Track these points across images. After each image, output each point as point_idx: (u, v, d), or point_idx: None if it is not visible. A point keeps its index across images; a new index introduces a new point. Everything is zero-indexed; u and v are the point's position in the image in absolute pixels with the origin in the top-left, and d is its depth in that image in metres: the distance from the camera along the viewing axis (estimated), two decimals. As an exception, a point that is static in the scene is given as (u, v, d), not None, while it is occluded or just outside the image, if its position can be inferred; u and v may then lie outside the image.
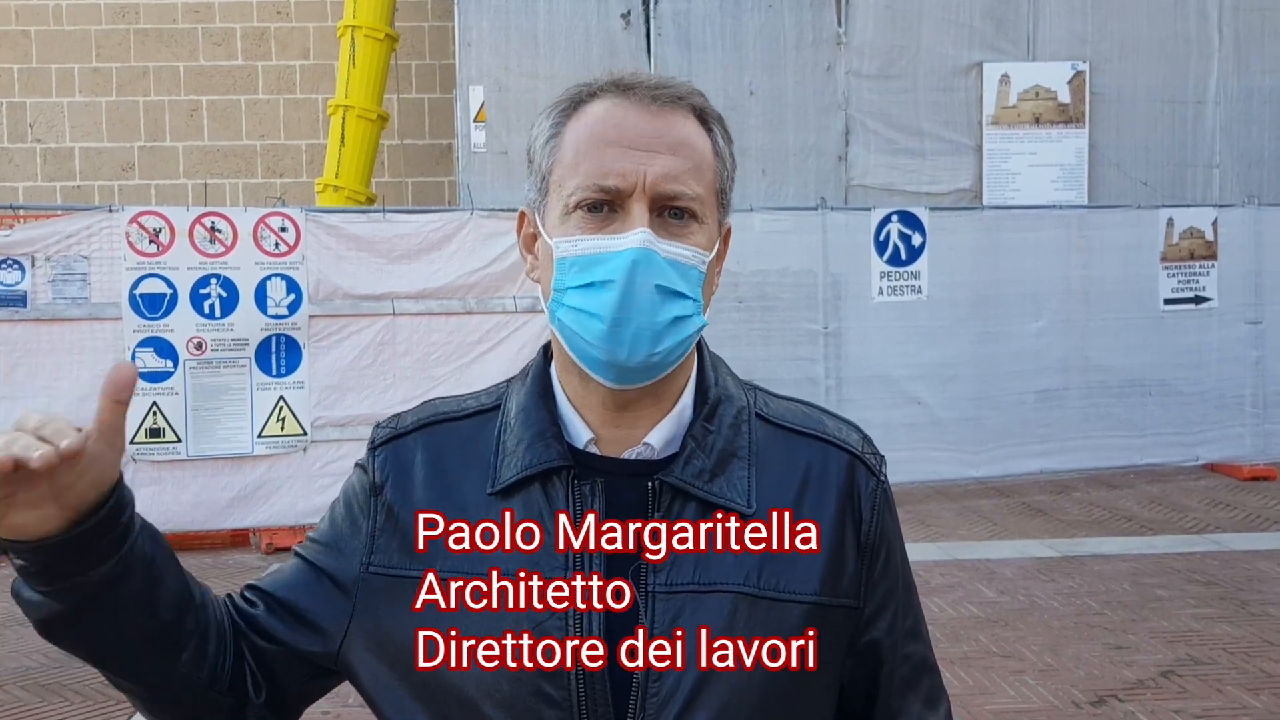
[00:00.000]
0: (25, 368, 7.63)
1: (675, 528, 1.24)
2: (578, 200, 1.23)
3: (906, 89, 11.36)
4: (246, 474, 7.94)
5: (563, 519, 1.24)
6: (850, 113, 11.33)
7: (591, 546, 1.23)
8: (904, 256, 9.22)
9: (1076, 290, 9.73)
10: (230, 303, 7.91)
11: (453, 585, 1.25)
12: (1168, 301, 9.85)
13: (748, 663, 1.22)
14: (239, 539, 8.22)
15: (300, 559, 1.36)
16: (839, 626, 1.29)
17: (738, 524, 1.25)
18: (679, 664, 1.21)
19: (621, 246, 1.20)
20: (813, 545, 1.27)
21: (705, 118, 1.29)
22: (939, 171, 11.39)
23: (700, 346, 1.34)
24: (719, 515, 1.25)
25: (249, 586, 1.37)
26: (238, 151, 12.67)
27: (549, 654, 1.21)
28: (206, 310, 7.88)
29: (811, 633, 1.26)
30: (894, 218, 9.25)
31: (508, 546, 1.24)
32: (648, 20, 11.11)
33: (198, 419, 7.85)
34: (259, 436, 7.96)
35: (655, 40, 11.10)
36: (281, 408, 7.99)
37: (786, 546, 1.26)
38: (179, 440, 7.82)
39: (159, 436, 7.79)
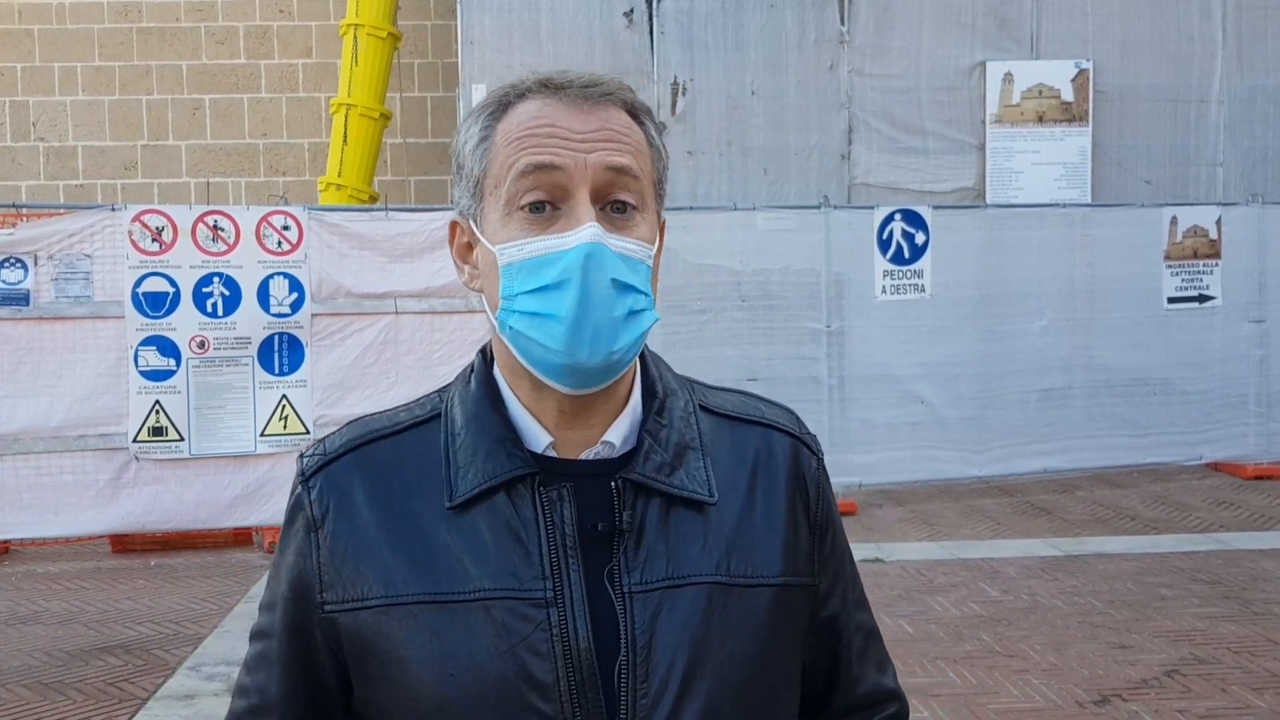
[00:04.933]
0: (28, 366, 7.63)
1: (642, 525, 1.23)
2: (519, 200, 1.20)
3: (909, 88, 11.35)
4: (249, 473, 7.95)
5: (533, 527, 1.21)
6: (853, 111, 11.32)
7: (568, 552, 1.20)
8: (907, 255, 9.21)
9: (1080, 289, 9.72)
10: (233, 301, 7.91)
11: (421, 609, 1.20)
12: (1171, 300, 9.83)
13: (729, 651, 1.22)
14: (241, 537, 8.23)
15: (264, 640, 1.31)
16: (801, 605, 1.31)
17: (702, 515, 1.25)
18: (664, 661, 1.20)
19: (572, 243, 1.17)
20: (771, 529, 1.28)
21: (635, 111, 1.26)
22: (942, 170, 11.37)
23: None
24: (683, 508, 1.25)
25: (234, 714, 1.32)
26: (240, 150, 12.67)
27: (536, 668, 1.18)
28: (209, 309, 7.88)
29: (781, 613, 1.27)
30: (897, 216, 9.24)
31: (479, 561, 1.20)
32: (650, 19, 11.10)
33: (200, 417, 7.85)
34: (261, 435, 7.96)
35: (658, 39, 11.09)
36: (284, 406, 7.99)
37: (749, 532, 1.27)
38: (182, 439, 7.82)
39: (162, 435, 7.79)
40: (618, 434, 1.26)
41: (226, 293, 7.89)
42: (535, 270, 1.18)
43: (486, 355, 1.32)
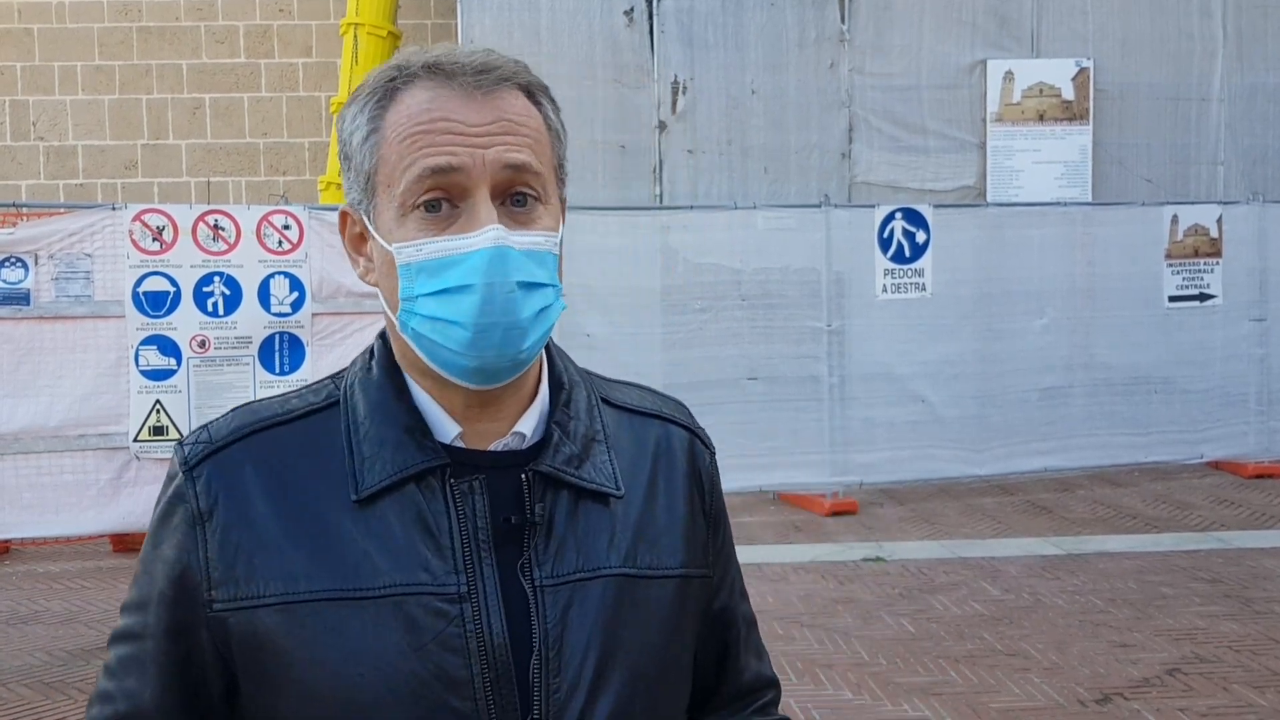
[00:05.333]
0: (28, 366, 7.62)
1: (552, 518, 1.21)
2: (414, 200, 1.14)
3: (910, 86, 11.35)
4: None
5: (445, 520, 1.17)
6: (853, 110, 11.32)
7: (481, 545, 1.17)
8: (908, 254, 9.20)
9: (1080, 288, 9.71)
10: (233, 301, 7.90)
11: (326, 606, 1.14)
12: (1172, 299, 9.83)
13: (638, 642, 1.22)
14: (242, 537, 8.22)
15: (131, 643, 1.22)
16: (698, 596, 1.32)
17: (608, 508, 1.25)
18: (576, 654, 1.18)
19: (474, 246, 1.13)
20: (672, 521, 1.30)
21: (532, 91, 1.21)
22: (943, 169, 11.37)
23: None
24: (591, 500, 1.24)
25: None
26: (240, 149, 12.66)
27: (451, 665, 1.14)
28: (210, 308, 7.88)
29: (684, 604, 1.29)
30: (898, 215, 9.24)
31: (390, 556, 1.15)
32: (650, 18, 11.10)
33: (201, 417, 7.84)
34: (262, 434, 7.95)
35: (658, 38, 11.09)
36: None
37: (652, 524, 1.28)
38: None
39: (162, 434, 7.78)
40: (529, 425, 1.24)
41: (227, 292, 7.89)
42: (436, 272, 1.13)
43: (386, 340, 1.26)
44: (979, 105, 11.43)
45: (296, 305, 8.02)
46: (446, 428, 1.21)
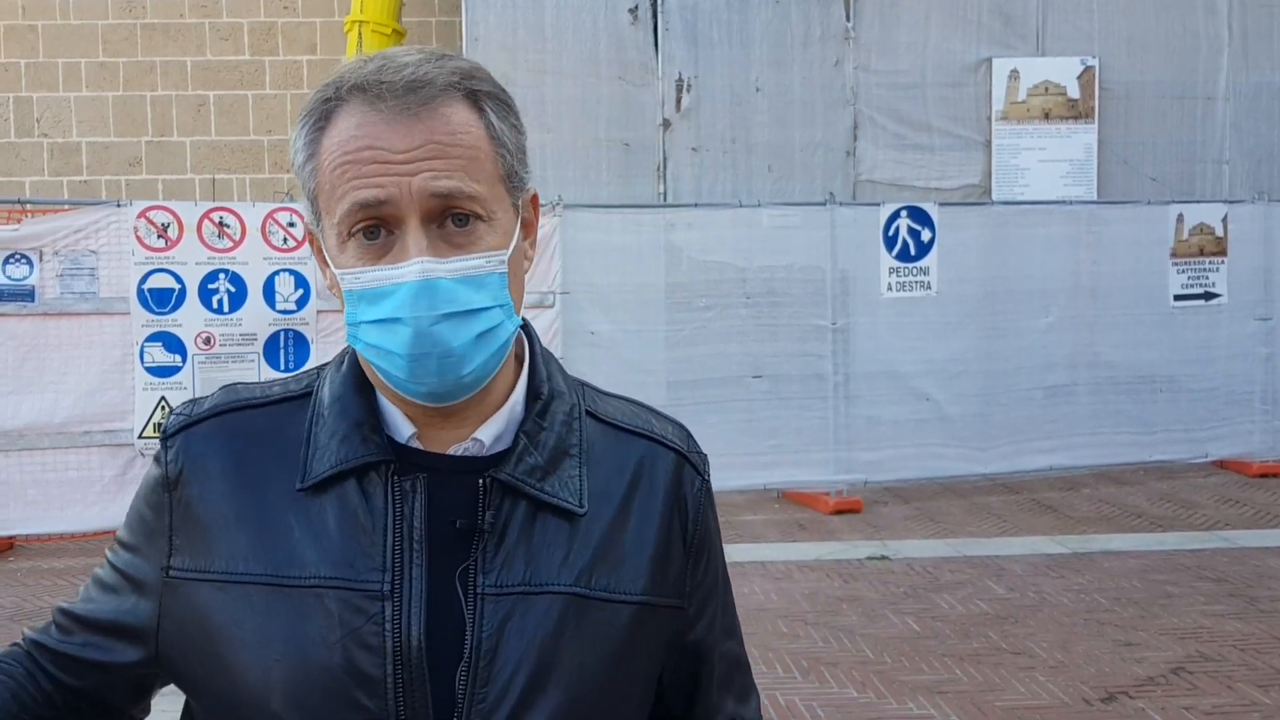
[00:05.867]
0: (33, 362, 7.63)
1: (505, 527, 1.19)
2: (350, 228, 1.14)
3: (915, 84, 11.34)
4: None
5: (381, 517, 1.17)
6: (858, 108, 11.30)
7: (413, 546, 1.16)
8: (913, 252, 9.20)
9: (1085, 286, 9.70)
10: (238, 298, 7.91)
11: (256, 590, 1.17)
12: (1177, 298, 9.81)
13: (579, 664, 1.18)
14: (246, 534, 8.22)
15: (108, 564, 1.29)
16: (663, 626, 1.27)
17: (570, 524, 1.21)
18: (507, 668, 1.15)
19: (400, 279, 1.12)
20: (641, 546, 1.25)
21: (475, 97, 1.16)
22: (948, 167, 11.36)
23: (531, 342, 1.30)
24: (551, 514, 1.21)
25: (60, 611, 1.31)
26: (245, 146, 12.66)
27: (363, 661, 1.14)
28: (215, 305, 7.88)
29: (640, 632, 1.23)
30: (903, 213, 9.23)
31: (320, 547, 1.17)
32: (655, 15, 11.09)
33: (205, 414, 7.85)
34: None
35: (662, 36, 11.08)
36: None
37: (616, 547, 1.23)
38: (187, 435, 7.81)
39: (167, 431, 7.78)
40: (488, 432, 1.22)
41: (232, 289, 7.89)
42: (374, 301, 1.14)
43: None
44: (984, 103, 11.41)
45: (301, 302, 8.03)
46: (402, 428, 1.21)
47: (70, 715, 1.28)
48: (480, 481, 1.18)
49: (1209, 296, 9.87)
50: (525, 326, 1.31)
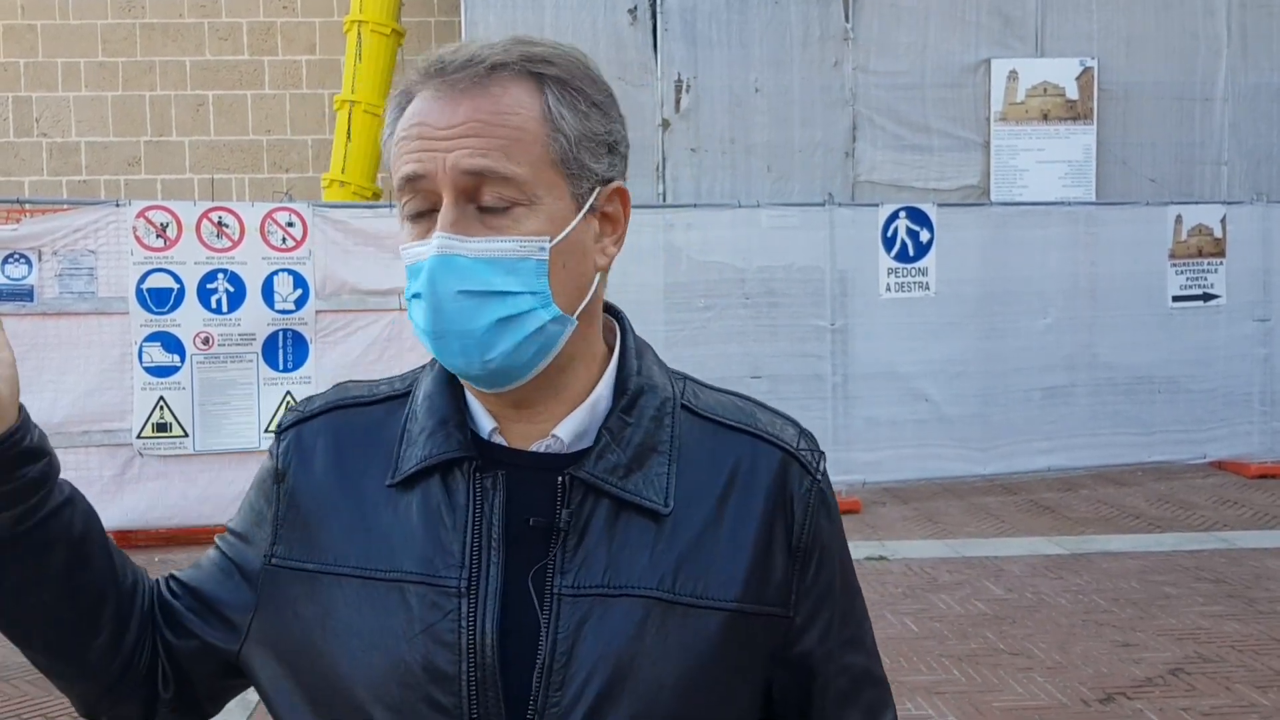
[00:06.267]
0: (32, 361, 7.63)
1: (586, 526, 1.16)
2: (405, 210, 1.17)
3: (914, 85, 11.34)
4: (253, 469, 7.79)
5: (462, 514, 1.17)
6: (857, 109, 11.31)
7: (491, 543, 1.16)
8: (911, 253, 9.20)
9: (1084, 287, 9.71)
10: (237, 298, 7.91)
11: (347, 582, 1.19)
12: (1176, 299, 9.82)
13: (660, 673, 1.14)
14: (245, 534, 8.22)
15: (217, 549, 1.31)
16: (763, 635, 1.20)
17: (656, 524, 1.17)
18: (582, 671, 1.13)
19: (424, 255, 1.13)
20: (736, 549, 1.19)
21: (539, 79, 1.14)
22: (946, 168, 11.37)
23: (624, 333, 1.28)
24: (634, 514, 1.17)
25: (171, 577, 1.32)
26: (244, 146, 12.67)
27: (440, 658, 1.14)
28: (213, 305, 7.88)
29: (733, 642, 1.17)
30: (901, 214, 9.23)
31: (405, 542, 1.18)
32: (654, 16, 11.10)
33: (204, 414, 7.85)
34: (266, 431, 7.96)
35: (661, 36, 11.09)
36: (288, 403, 7.99)
37: (707, 549, 1.18)
38: (186, 435, 7.82)
39: (166, 431, 7.79)
40: (568, 429, 1.19)
41: (231, 289, 7.89)
42: (410, 278, 1.16)
43: None
44: (983, 104, 11.42)
45: (300, 302, 8.03)
46: (484, 422, 1.22)
47: (150, 673, 1.28)
48: (559, 479, 1.17)
49: (1207, 297, 9.88)
50: (620, 319, 1.30)
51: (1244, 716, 4.86)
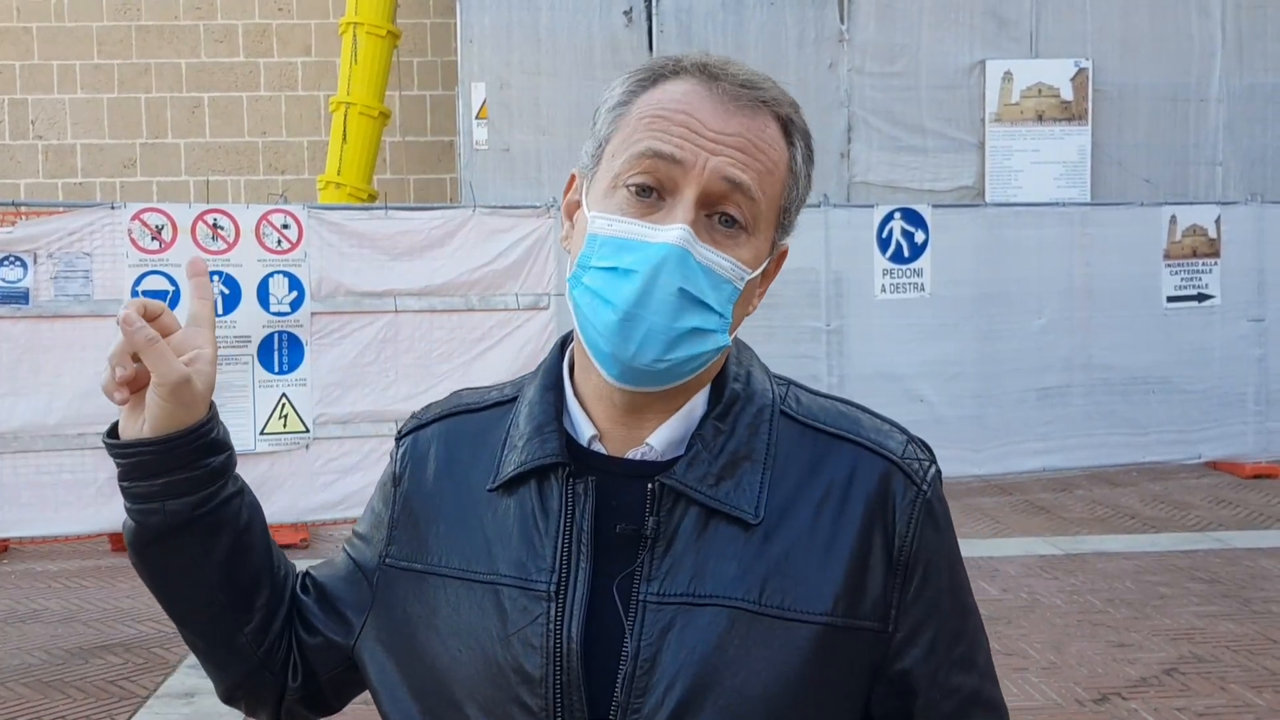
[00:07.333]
0: (27, 364, 7.63)
1: (674, 534, 1.16)
2: (627, 177, 1.15)
3: (909, 86, 11.35)
4: (249, 471, 7.78)
5: (554, 519, 1.19)
6: (852, 110, 11.32)
7: (580, 549, 1.17)
8: (906, 254, 9.21)
9: (1079, 288, 9.72)
10: (232, 300, 7.91)
11: (450, 583, 1.24)
12: (1170, 299, 9.84)
13: (743, 685, 1.13)
14: (241, 536, 8.21)
15: (345, 554, 1.38)
16: (858, 651, 1.18)
17: (746, 533, 1.16)
18: (664, 679, 1.13)
19: (656, 238, 1.13)
20: (830, 560, 1.17)
21: (790, 129, 1.21)
22: (941, 169, 11.38)
23: (736, 349, 1.29)
24: (724, 523, 1.16)
25: (306, 573, 1.40)
26: (239, 148, 12.66)
27: (528, 661, 1.16)
28: (208, 307, 7.87)
29: (825, 657, 1.15)
30: (896, 215, 9.25)
31: (502, 545, 1.21)
32: (650, 18, 11.10)
33: (200, 416, 7.84)
34: (261, 433, 7.96)
35: (657, 38, 11.09)
36: (284, 405, 7.99)
37: (800, 561, 1.16)
38: (181, 437, 7.80)
39: (161, 433, 7.77)
40: (661, 438, 1.20)
41: (226, 291, 7.89)
42: (615, 251, 1.14)
43: (563, 344, 1.31)
44: (978, 105, 11.43)
45: (295, 304, 8.03)
46: (585, 429, 1.23)
47: (284, 663, 1.36)
48: (650, 486, 1.17)
49: (1202, 298, 9.90)
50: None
51: (1239, 716, 4.87)
